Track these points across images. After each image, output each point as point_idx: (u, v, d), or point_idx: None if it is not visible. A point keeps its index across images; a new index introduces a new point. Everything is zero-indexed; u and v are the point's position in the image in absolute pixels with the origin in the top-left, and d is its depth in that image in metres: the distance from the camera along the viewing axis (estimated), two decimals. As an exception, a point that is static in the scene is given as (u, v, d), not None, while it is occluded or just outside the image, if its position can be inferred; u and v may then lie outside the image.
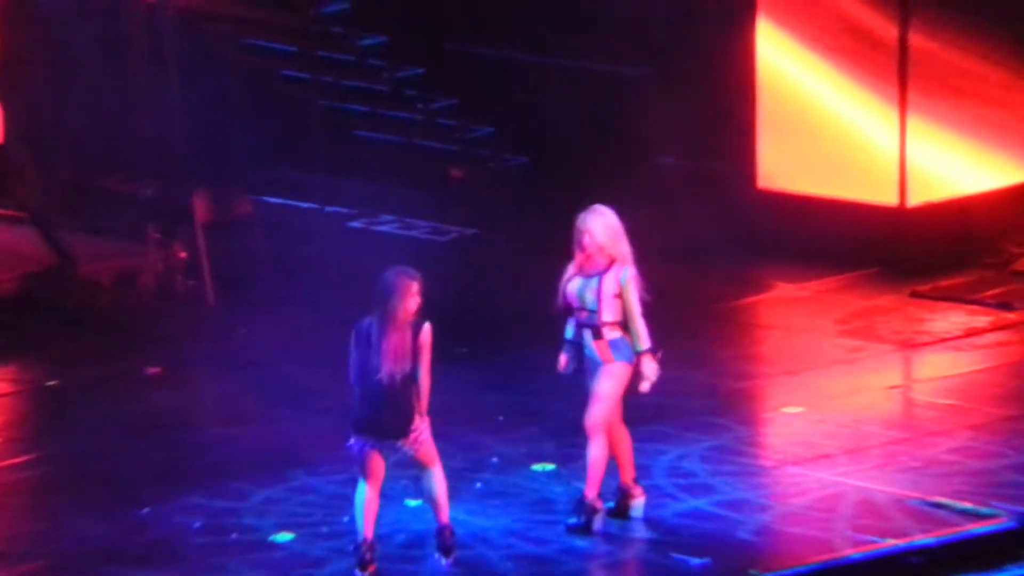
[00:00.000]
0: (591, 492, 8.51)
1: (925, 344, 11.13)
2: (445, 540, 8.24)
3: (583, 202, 8.66)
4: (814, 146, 12.75)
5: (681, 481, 9.08)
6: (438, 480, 8.20)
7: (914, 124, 12.43)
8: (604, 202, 8.62)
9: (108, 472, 9.37)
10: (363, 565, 8.11)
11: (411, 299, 8.07)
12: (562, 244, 8.66)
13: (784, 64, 12.73)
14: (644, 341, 8.50)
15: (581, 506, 8.52)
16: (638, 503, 8.66)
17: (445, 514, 8.25)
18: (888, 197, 12.48)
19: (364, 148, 14.00)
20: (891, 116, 12.43)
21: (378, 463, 8.13)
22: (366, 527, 8.14)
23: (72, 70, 13.03)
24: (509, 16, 14.14)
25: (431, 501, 8.26)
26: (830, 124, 12.70)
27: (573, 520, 8.53)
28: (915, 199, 12.50)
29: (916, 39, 12.36)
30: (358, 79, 14.31)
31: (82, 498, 9.08)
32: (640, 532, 8.58)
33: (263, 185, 13.22)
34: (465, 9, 14.23)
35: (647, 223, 8.72)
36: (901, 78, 12.35)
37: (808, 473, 9.13)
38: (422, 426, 8.14)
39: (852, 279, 12.17)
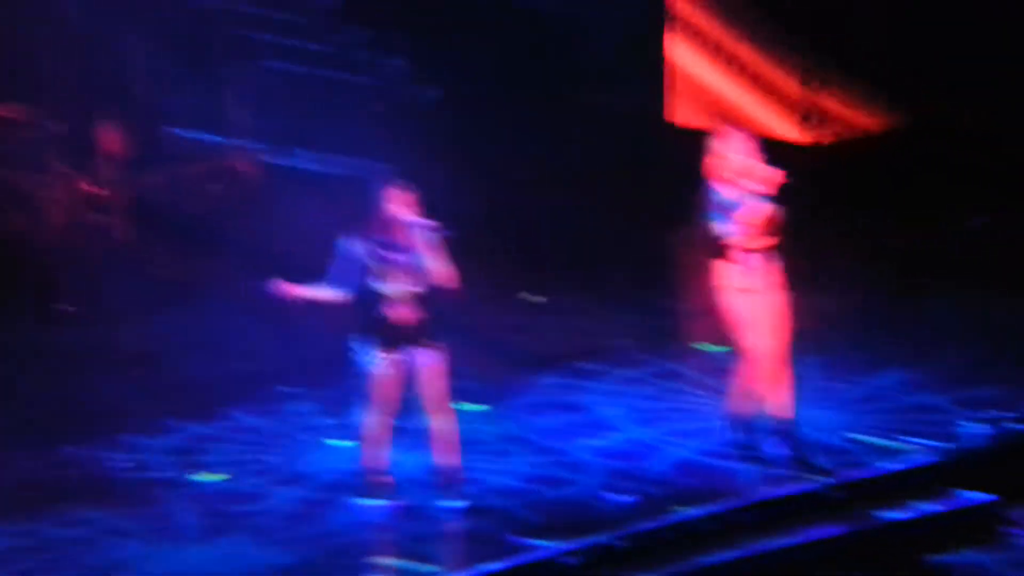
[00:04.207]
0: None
1: (844, 283, 11.28)
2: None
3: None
4: (724, 84, 12.89)
5: (605, 418, 9.18)
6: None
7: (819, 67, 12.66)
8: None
9: (29, 410, 9.27)
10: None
11: (393, 205, 8.09)
12: (472, 177, 8.65)
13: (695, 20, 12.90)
14: None
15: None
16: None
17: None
18: (794, 132, 12.68)
19: (274, 79, 13.85)
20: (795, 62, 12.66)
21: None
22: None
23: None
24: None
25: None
26: (739, 67, 12.87)
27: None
28: (819, 135, 12.72)
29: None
30: (269, 8, 14.12)
31: (3, 437, 8.97)
32: (567, 470, 8.68)
33: (170, 117, 13.04)
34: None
35: (563, 159, 8.76)
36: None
37: (729, 409, 9.26)
38: None
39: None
